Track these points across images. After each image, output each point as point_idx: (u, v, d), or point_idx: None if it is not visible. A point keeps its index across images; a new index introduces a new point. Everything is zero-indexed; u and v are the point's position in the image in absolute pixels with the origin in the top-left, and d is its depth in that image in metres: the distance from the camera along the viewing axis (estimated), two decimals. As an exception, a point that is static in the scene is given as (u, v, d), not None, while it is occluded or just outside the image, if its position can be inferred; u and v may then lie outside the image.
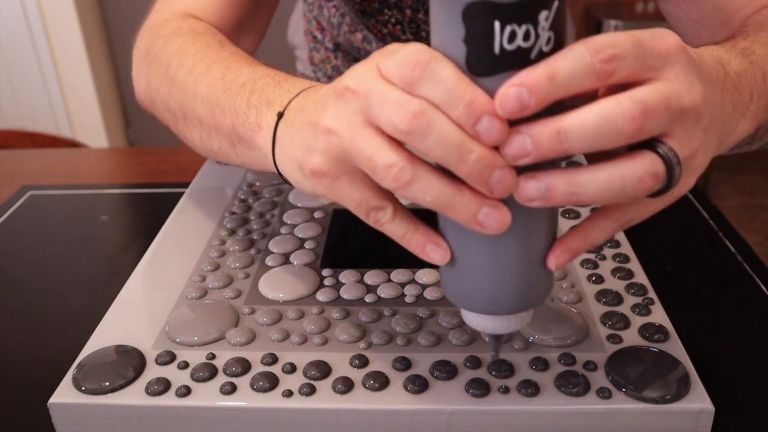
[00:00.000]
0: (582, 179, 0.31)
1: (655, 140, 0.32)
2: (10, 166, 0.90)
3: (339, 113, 0.34)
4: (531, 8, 0.30)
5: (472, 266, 0.35)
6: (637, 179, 0.31)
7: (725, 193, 2.53)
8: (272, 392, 0.41)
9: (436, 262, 0.36)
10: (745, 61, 0.42)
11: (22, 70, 2.24)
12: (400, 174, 0.32)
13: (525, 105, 0.30)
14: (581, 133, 0.30)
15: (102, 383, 0.42)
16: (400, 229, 0.36)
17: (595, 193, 0.31)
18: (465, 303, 0.38)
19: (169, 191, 0.76)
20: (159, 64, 0.58)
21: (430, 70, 0.31)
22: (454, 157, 0.31)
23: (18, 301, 0.59)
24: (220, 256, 0.55)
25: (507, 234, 0.33)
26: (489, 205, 0.32)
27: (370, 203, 0.35)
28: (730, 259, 0.60)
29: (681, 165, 0.32)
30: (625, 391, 0.40)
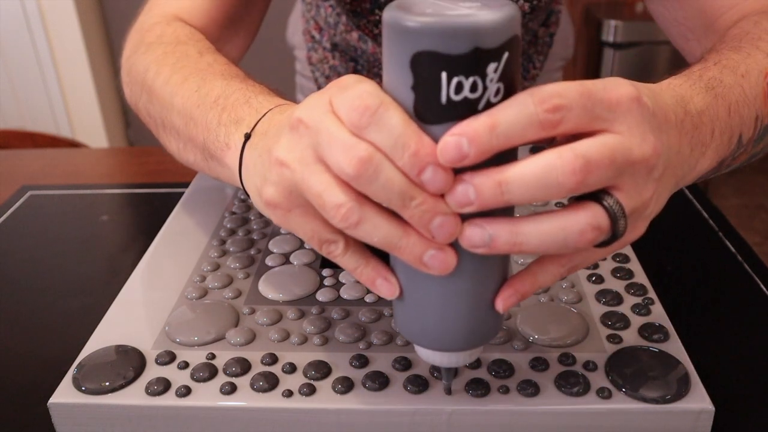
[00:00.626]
0: (525, 230, 0.32)
1: (602, 192, 0.32)
2: (10, 166, 0.90)
3: (292, 146, 0.34)
4: (478, 61, 0.30)
5: (421, 304, 0.36)
6: (579, 232, 0.31)
7: (725, 193, 2.53)
8: (272, 392, 0.41)
9: (385, 296, 0.36)
10: (708, 96, 0.42)
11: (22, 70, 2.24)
12: (348, 215, 0.32)
13: (464, 155, 0.30)
14: (522, 185, 0.30)
15: (102, 383, 0.42)
16: (352, 262, 0.36)
17: (538, 243, 0.32)
18: (414, 338, 0.38)
19: (169, 191, 0.76)
20: (138, 71, 0.59)
21: (379, 117, 0.31)
22: (398, 203, 0.31)
23: (18, 301, 0.59)
24: (220, 256, 0.55)
25: (455, 274, 0.34)
26: (434, 248, 0.33)
27: (322, 236, 0.36)
28: (730, 259, 0.60)
29: (626, 218, 0.32)
30: (625, 391, 0.40)
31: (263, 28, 0.74)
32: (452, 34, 0.29)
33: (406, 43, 0.30)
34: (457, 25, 0.29)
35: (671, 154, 0.35)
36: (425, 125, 0.31)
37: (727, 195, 2.52)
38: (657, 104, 0.34)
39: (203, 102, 0.50)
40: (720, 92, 0.43)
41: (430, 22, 0.29)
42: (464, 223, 0.32)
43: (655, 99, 0.34)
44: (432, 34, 0.29)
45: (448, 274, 0.33)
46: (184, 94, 0.52)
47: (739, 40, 0.51)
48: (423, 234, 0.32)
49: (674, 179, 0.37)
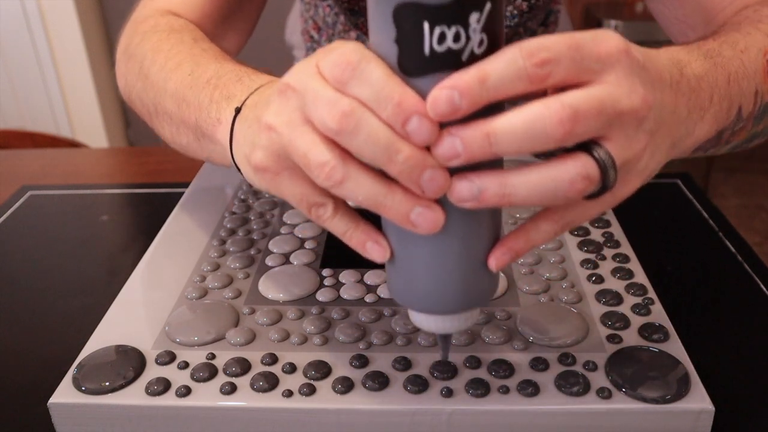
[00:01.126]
0: (514, 181, 0.31)
1: (592, 143, 0.32)
2: (10, 166, 0.90)
3: (280, 110, 0.34)
4: (460, 10, 0.30)
5: (413, 265, 0.36)
6: (569, 181, 0.31)
7: (725, 193, 2.53)
8: (272, 392, 0.41)
9: (376, 259, 0.36)
10: (707, 63, 0.42)
11: (22, 70, 2.24)
12: (332, 173, 0.32)
13: (456, 108, 0.30)
14: (510, 136, 0.30)
15: (102, 383, 0.42)
16: (341, 225, 0.36)
17: (527, 194, 0.31)
18: (408, 302, 0.38)
19: (169, 191, 0.76)
20: (134, 60, 0.59)
21: (361, 71, 0.31)
22: (384, 157, 0.31)
23: (18, 301, 0.59)
24: (220, 256, 0.55)
25: (445, 233, 0.33)
26: (422, 205, 0.32)
27: (311, 199, 0.36)
28: (730, 259, 0.60)
29: (617, 168, 0.32)
30: (625, 391, 0.40)
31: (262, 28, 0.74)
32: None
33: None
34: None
35: (665, 113, 0.35)
36: (409, 78, 0.31)
37: (727, 195, 2.52)
38: (649, 60, 0.34)
39: (196, 84, 0.50)
40: (719, 62, 0.43)
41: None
42: (452, 177, 0.32)
43: (647, 56, 0.34)
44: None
45: (436, 233, 0.33)
46: (177, 78, 0.52)
47: (739, 23, 0.51)
48: (412, 190, 0.32)
49: (670, 139, 0.37)
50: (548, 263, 0.53)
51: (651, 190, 0.73)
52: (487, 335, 0.45)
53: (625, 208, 0.61)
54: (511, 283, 0.50)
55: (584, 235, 0.57)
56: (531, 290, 0.50)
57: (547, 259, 0.53)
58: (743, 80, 0.44)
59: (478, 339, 0.45)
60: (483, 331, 0.45)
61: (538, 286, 0.50)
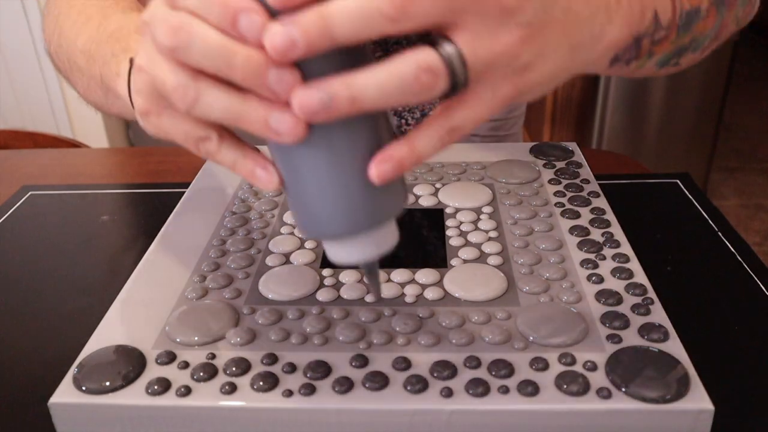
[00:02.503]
0: (361, 81, 0.30)
1: (439, 35, 0.31)
2: (10, 166, 0.90)
3: (144, 50, 0.34)
4: None
5: (305, 189, 0.35)
6: (413, 76, 0.30)
7: (725, 193, 2.53)
8: (272, 392, 0.41)
9: (266, 187, 0.35)
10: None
11: (22, 70, 2.24)
12: (185, 93, 0.32)
13: None
14: (345, 15, 0.29)
15: (102, 383, 0.42)
16: (229, 156, 0.35)
17: (376, 94, 0.30)
18: (313, 231, 0.36)
19: (169, 191, 0.76)
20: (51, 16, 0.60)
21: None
22: (223, 64, 0.30)
23: (18, 301, 0.59)
24: (220, 256, 0.55)
25: (322, 145, 0.32)
26: (278, 109, 0.31)
27: (194, 133, 0.35)
28: (730, 259, 0.60)
29: (465, 62, 0.31)
30: (625, 391, 0.40)
31: None
32: None
33: None
34: None
35: (554, 8, 0.33)
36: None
37: (727, 195, 2.52)
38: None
39: (101, 38, 0.50)
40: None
41: None
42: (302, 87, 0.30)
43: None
44: None
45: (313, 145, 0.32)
46: (87, 33, 0.52)
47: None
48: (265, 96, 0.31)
49: (567, 39, 0.35)
50: (548, 263, 0.53)
51: (651, 190, 0.73)
52: (487, 335, 0.45)
53: (625, 208, 0.62)
54: (511, 283, 0.51)
55: (584, 235, 0.57)
56: (531, 290, 0.50)
57: (547, 259, 0.53)
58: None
59: (478, 339, 0.45)
60: (483, 331, 0.45)
61: (538, 286, 0.50)
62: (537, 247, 0.55)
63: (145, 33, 0.34)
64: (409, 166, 0.33)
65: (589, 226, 0.58)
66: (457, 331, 0.45)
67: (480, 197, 0.63)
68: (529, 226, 0.58)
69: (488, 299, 0.49)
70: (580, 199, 0.62)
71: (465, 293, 0.49)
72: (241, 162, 0.36)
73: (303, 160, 0.34)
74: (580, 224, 0.58)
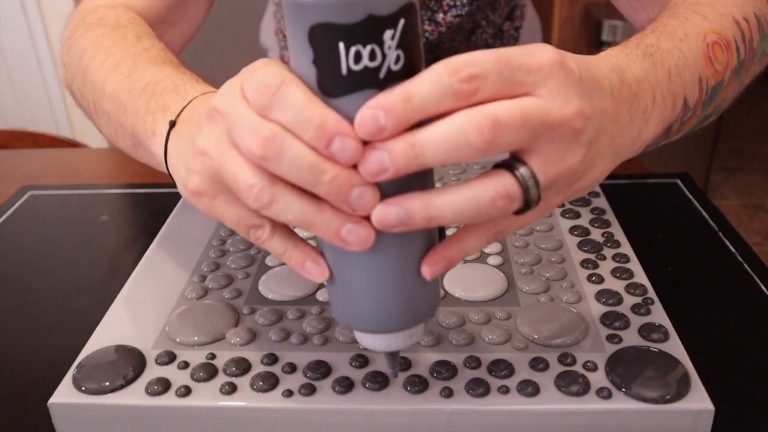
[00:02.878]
0: (438, 203, 0.32)
1: (516, 159, 0.32)
2: (10, 166, 0.90)
3: (210, 134, 0.35)
4: (374, 28, 0.30)
5: (352, 285, 0.36)
6: (490, 201, 0.31)
7: (725, 193, 2.53)
8: (272, 392, 0.41)
9: (315, 279, 0.36)
10: (646, 62, 0.41)
11: (22, 70, 2.24)
12: (260, 194, 0.32)
13: (381, 127, 0.30)
14: (435, 145, 0.30)
15: (102, 383, 0.42)
16: (279, 246, 0.36)
17: (452, 215, 0.32)
18: (349, 322, 0.38)
19: (169, 191, 0.76)
20: (75, 52, 0.59)
21: (280, 95, 0.31)
22: (310, 179, 0.31)
23: (18, 301, 0.59)
24: (220, 256, 0.55)
25: (380, 250, 0.33)
26: (352, 222, 0.32)
27: (248, 221, 0.36)
28: (730, 259, 0.60)
29: (539, 186, 0.32)
30: (625, 391, 0.40)
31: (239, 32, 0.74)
32: (344, 3, 0.29)
33: (302, 18, 0.30)
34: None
35: (606, 121, 0.35)
36: (330, 99, 0.31)
37: (727, 195, 2.52)
38: (586, 70, 0.34)
39: (133, 88, 0.50)
40: (658, 58, 0.43)
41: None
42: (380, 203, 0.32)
43: (585, 66, 0.34)
44: (324, 5, 0.30)
45: (370, 249, 0.33)
46: (115, 79, 0.52)
47: (678, 7, 0.51)
48: (343, 209, 0.32)
49: (613, 148, 0.37)
50: (548, 263, 0.53)
51: (651, 190, 0.73)
52: (487, 335, 0.45)
53: (625, 208, 0.62)
54: (511, 283, 0.51)
55: (584, 235, 0.57)
56: (531, 290, 0.50)
57: (547, 259, 0.53)
58: (684, 71, 0.44)
59: (478, 339, 0.45)
60: (483, 331, 0.45)
61: (538, 286, 0.50)
62: (537, 247, 0.55)
63: (215, 119, 0.34)
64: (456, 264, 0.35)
65: (589, 226, 0.58)
66: (457, 331, 0.45)
67: (480, 197, 0.63)
68: (529, 226, 0.58)
69: (488, 299, 0.49)
70: (580, 199, 0.62)
71: (465, 293, 0.49)
72: (291, 252, 0.36)
73: (355, 262, 0.35)
74: (580, 224, 0.58)
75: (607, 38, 2.29)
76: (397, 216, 0.31)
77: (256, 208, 0.33)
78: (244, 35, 0.72)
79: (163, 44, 0.58)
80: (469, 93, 0.30)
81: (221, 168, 0.34)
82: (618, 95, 0.37)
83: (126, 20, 0.61)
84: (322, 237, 0.33)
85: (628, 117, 0.38)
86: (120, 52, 0.55)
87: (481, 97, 0.30)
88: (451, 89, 0.30)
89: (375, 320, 0.36)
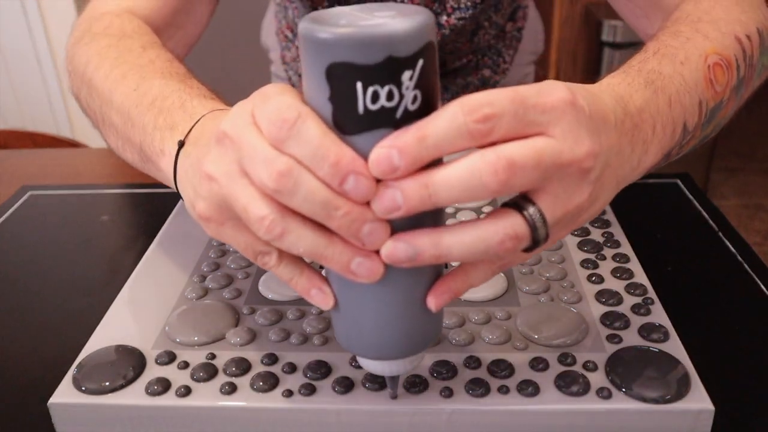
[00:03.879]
0: (447, 241, 0.32)
1: (524, 198, 0.32)
2: (10, 166, 0.90)
3: (218, 160, 0.35)
4: (393, 69, 0.30)
5: (356, 313, 0.36)
6: (498, 242, 0.32)
7: (725, 193, 2.53)
8: (272, 392, 0.41)
9: (320, 306, 0.36)
10: (648, 91, 0.42)
11: (22, 70, 2.24)
12: (272, 227, 0.32)
13: (395, 167, 0.30)
14: (448, 186, 0.30)
15: (102, 383, 0.42)
16: (286, 272, 0.36)
17: (460, 254, 0.32)
18: (353, 348, 0.38)
19: (169, 191, 0.76)
20: (80, 62, 0.59)
21: (297, 130, 0.31)
22: (323, 214, 0.31)
23: (18, 301, 0.59)
24: (220, 256, 0.55)
25: (386, 282, 0.33)
26: (361, 255, 0.33)
27: (255, 248, 0.36)
28: (730, 259, 0.60)
29: (547, 226, 0.33)
30: (625, 391, 0.40)
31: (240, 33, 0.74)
32: (364, 44, 0.29)
33: (320, 55, 0.30)
34: (368, 35, 0.29)
35: (611, 155, 0.35)
36: (345, 136, 0.31)
37: (727, 195, 2.52)
38: (594, 106, 0.34)
39: (140, 102, 0.50)
40: (659, 85, 0.43)
41: (341, 33, 0.29)
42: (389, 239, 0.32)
43: (593, 100, 0.34)
44: (344, 44, 0.29)
45: (377, 281, 0.33)
46: (122, 91, 0.52)
47: (679, 23, 0.51)
48: (353, 243, 0.32)
49: (615, 180, 0.37)
50: (548, 263, 0.53)
51: (651, 190, 0.73)
52: (487, 335, 0.45)
53: (625, 208, 0.62)
54: (511, 283, 0.50)
55: (584, 235, 0.57)
56: (531, 290, 0.50)
57: (547, 259, 0.53)
58: (685, 96, 0.44)
59: (478, 339, 0.45)
60: (483, 331, 0.45)
61: (538, 286, 0.50)
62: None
63: (224, 145, 0.34)
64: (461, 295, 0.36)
65: (589, 226, 0.58)
66: (457, 331, 0.45)
67: (480, 197, 0.63)
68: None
69: (488, 299, 0.49)
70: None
71: (465, 293, 0.49)
72: (297, 279, 0.37)
73: (362, 292, 0.35)
74: (580, 224, 0.58)
75: (607, 38, 2.29)
76: (406, 253, 0.32)
77: (266, 239, 0.33)
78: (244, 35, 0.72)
79: (169, 54, 0.57)
80: (484, 133, 0.30)
81: (230, 196, 0.34)
82: (621, 128, 0.37)
83: (132, 30, 0.60)
84: (332, 269, 0.33)
85: (630, 148, 0.38)
86: (126, 64, 0.55)
87: (496, 137, 0.31)
88: (465, 129, 0.30)
89: (378, 348, 0.37)
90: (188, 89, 0.49)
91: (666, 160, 0.46)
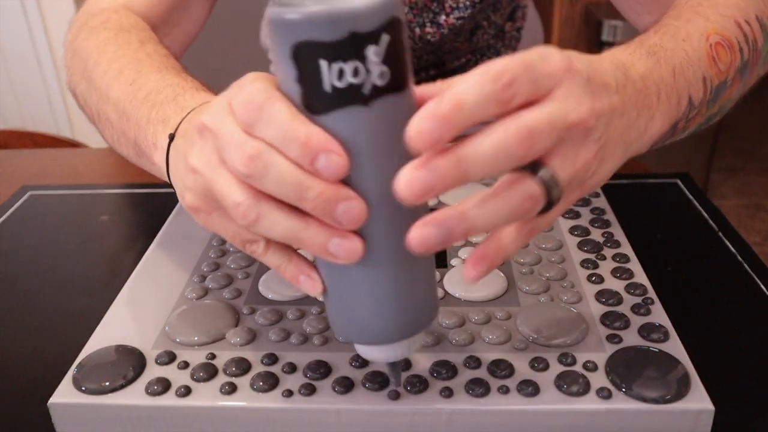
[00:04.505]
0: (473, 213, 0.32)
1: (536, 163, 0.33)
2: (10, 166, 0.90)
3: (200, 152, 0.35)
4: (356, 45, 0.30)
5: (347, 298, 0.36)
6: (519, 204, 0.32)
7: (725, 193, 2.53)
8: (272, 392, 0.41)
9: (309, 292, 0.37)
10: (650, 60, 0.42)
11: (22, 70, 2.24)
12: (246, 212, 0.33)
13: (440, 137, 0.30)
14: (481, 161, 0.30)
15: (102, 383, 0.42)
16: (275, 260, 0.37)
17: (486, 223, 0.32)
18: (349, 336, 0.38)
19: (169, 191, 0.76)
20: (80, 58, 0.59)
21: (266, 112, 0.31)
22: (295, 195, 0.31)
23: (18, 301, 0.59)
24: (220, 256, 0.55)
25: (370, 262, 0.33)
26: (338, 236, 0.33)
27: (243, 237, 0.37)
28: (730, 259, 0.60)
29: (560, 186, 0.33)
30: (625, 391, 0.40)
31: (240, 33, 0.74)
32: (325, 21, 0.29)
33: (285, 36, 0.30)
34: (329, 11, 0.29)
35: (614, 118, 0.36)
36: (316, 116, 0.31)
37: (727, 195, 2.52)
38: (593, 70, 0.34)
39: (135, 97, 0.50)
40: (662, 56, 0.43)
41: (303, 11, 0.30)
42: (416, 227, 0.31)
43: (591, 65, 0.35)
44: (305, 23, 0.30)
45: (361, 261, 0.33)
46: (119, 86, 0.53)
47: (680, 8, 0.52)
48: (330, 224, 0.32)
49: (622, 143, 0.38)
50: (548, 263, 0.53)
51: (651, 190, 0.73)
52: (487, 335, 0.45)
53: (625, 208, 0.62)
54: (511, 283, 0.50)
55: (584, 235, 0.57)
56: (531, 290, 0.50)
57: (547, 259, 0.53)
58: (688, 70, 0.44)
59: (478, 339, 0.45)
60: (483, 331, 0.45)
61: (538, 286, 0.50)
62: (537, 247, 0.55)
63: (205, 137, 0.35)
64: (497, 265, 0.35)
65: (589, 226, 0.58)
66: (457, 331, 0.45)
67: (480, 197, 0.63)
68: (529, 226, 0.58)
69: (488, 299, 0.49)
70: (580, 199, 0.62)
71: (465, 293, 0.49)
72: (286, 266, 0.37)
73: (348, 274, 0.35)
74: (580, 224, 0.58)
75: (607, 38, 2.29)
76: (438, 235, 0.31)
77: (243, 225, 0.34)
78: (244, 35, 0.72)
79: (165, 49, 0.58)
80: (508, 100, 0.30)
81: (212, 186, 0.34)
82: (623, 92, 0.37)
83: (129, 24, 0.61)
84: (310, 251, 0.34)
85: (635, 113, 0.39)
86: (124, 58, 0.55)
87: (516, 104, 0.31)
88: (494, 96, 0.30)
89: (372, 332, 0.36)
90: (182, 82, 0.50)
91: (673, 133, 0.46)
